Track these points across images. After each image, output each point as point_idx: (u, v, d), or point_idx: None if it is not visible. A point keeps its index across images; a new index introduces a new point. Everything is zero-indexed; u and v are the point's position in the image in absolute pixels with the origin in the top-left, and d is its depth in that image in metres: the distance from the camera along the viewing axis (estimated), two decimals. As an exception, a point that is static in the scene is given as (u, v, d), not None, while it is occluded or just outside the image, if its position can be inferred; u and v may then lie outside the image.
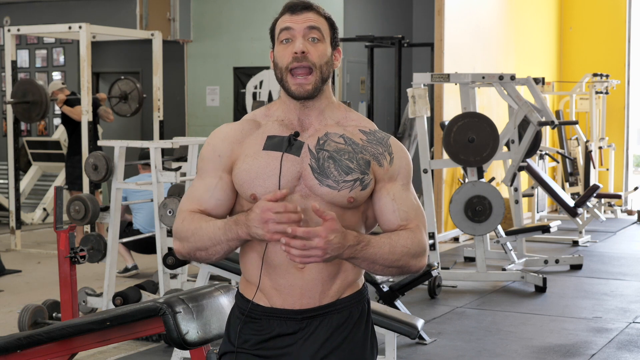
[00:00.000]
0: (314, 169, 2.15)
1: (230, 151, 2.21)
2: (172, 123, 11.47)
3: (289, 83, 2.17)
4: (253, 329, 2.21)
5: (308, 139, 2.19)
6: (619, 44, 12.70)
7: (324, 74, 2.18)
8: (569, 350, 5.45)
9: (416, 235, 2.19)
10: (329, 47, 2.21)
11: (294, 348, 2.18)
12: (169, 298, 3.33)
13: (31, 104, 8.59)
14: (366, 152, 2.20)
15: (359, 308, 2.24)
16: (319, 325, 2.18)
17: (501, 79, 7.40)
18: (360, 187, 2.16)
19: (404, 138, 9.36)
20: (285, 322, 2.18)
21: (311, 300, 2.18)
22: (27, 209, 10.88)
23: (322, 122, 2.22)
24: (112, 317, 3.46)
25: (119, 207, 5.87)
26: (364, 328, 2.25)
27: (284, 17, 2.19)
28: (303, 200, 2.15)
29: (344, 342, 2.20)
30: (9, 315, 6.20)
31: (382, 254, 2.13)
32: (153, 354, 5.29)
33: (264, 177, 2.15)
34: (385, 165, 2.21)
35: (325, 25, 2.20)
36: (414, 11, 12.77)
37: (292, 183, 2.15)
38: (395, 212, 2.20)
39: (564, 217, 10.33)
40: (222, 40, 11.70)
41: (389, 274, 2.19)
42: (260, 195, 2.14)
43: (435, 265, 6.42)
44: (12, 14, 12.19)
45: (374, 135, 2.24)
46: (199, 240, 2.15)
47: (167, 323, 3.24)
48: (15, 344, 3.60)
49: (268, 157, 2.16)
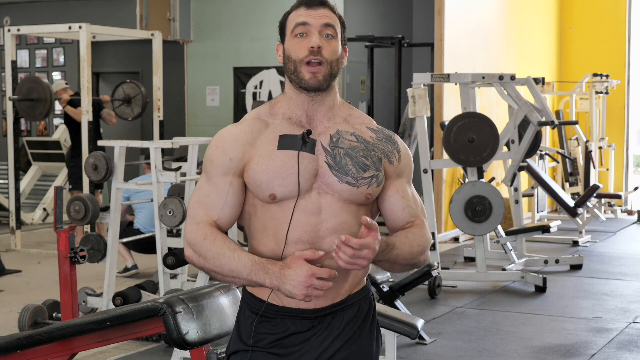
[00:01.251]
0: (332, 166, 2.18)
1: (242, 154, 2.20)
2: (172, 123, 11.47)
3: (303, 73, 2.18)
4: (267, 328, 2.22)
5: (319, 136, 2.21)
6: (619, 44, 12.70)
7: (334, 69, 2.21)
8: (569, 350, 5.45)
9: (425, 232, 2.28)
10: (340, 45, 2.23)
11: (308, 344, 2.21)
12: (169, 298, 3.33)
13: (35, 101, 8.59)
14: (377, 149, 2.25)
15: (366, 303, 2.29)
16: (332, 321, 2.22)
17: (501, 79, 7.40)
18: (376, 184, 2.22)
19: (404, 138, 9.36)
20: (300, 320, 2.21)
21: (325, 300, 2.21)
22: (27, 209, 10.88)
23: (331, 119, 2.24)
24: (112, 317, 3.46)
25: (119, 207, 5.87)
26: (371, 322, 2.30)
27: (299, 10, 2.21)
28: (319, 197, 2.18)
29: (353, 336, 2.25)
30: (9, 315, 6.20)
31: (404, 255, 2.22)
32: (153, 354, 5.28)
33: (282, 176, 2.16)
34: (394, 162, 2.27)
35: (337, 23, 2.23)
36: (414, 11, 12.78)
37: (310, 181, 2.17)
38: (404, 209, 2.27)
39: (564, 217, 10.32)
40: (222, 40, 11.70)
41: (401, 271, 2.28)
42: (280, 195, 2.16)
43: (435, 265, 6.42)
44: (12, 14, 12.19)
45: (382, 132, 2.30)
46: (218, 265, 2.15)
47: (167, 323, 3.24)
48: (15, 344, 3.60)
49: (284, 156, 2.17)
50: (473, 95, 7.55)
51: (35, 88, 8.62)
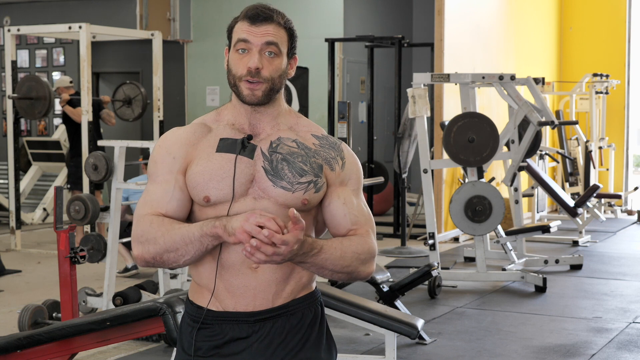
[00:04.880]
0: (268, 170, 2.16)
1: (185, 153, 2.19)
2: (172, 123, 11.46)
3: (241, 88, 2.16)
4: (205, 335, 2.19)
5: (260, 142, 2.20)
6: (619, 44, 12.70)
7: (276, 85, 2.18)
8: (569, 350, 5.45)
9: (366, 241, 2.18)
10: (285, 59, 2.19)
11: (247, 353, 2.17)
12: (169, 298, 3.33)
13: (35, 100, 8.59)
14: (319, 156, 2.20)
15: (312, 310, 2.23)
16: (272, 328, 2.17)
17: (501, 79, 7.40)
18: (314, 190, 2.17)
19: (404, 138, 9.35)
20: (238, 325, 2.16)
21: (264, 302, 2.16)
22: (27, 209, 10.88)
23: (274, 127, 2.22)
24: (112, 317, 3.46)
25: (119, 207, 5.87)
26: (318, 329, 2.24)
27: (242, 24, 2.16)
28: (255, 202, 2.14)
29: (297, 346, 2.19)
30: (9, 315, 6.20)
31: (333, 260, 2.13)
32: (153, 354, 5.28)
33: (217, 179, 2.14)
34: (337, 169, 2.21)
35: (284, 37, 2.18)
36: (414, 11, 12.78)
37: (246, 185, 2.15)
38: (345, 216, 2.20)
39: (564, 217, 10.32)
40: (222, 40, 11.66)
41: (336, 278, 2.19)
42: (214, 197, 2.14)
43: (435, 265, 6.43)
44: (12, 14, 12.20)
45: (327, 139, 2.24)
46: (169, 241, 2.10)
47: (167, 323, 3.24)
48: (15, 344, 3.60)
49: (222, 159, 2.16)
50: (473, 95, 7.55)
51: (34, 87, 8.62)
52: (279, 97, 2.22)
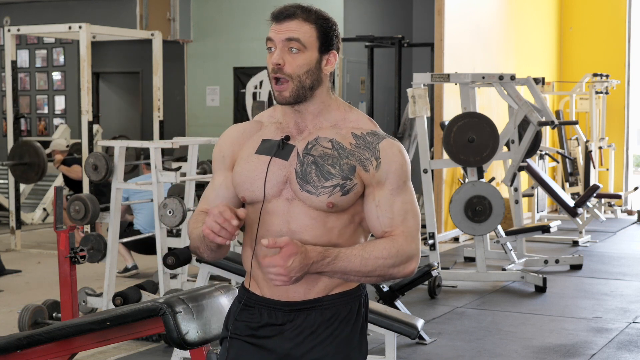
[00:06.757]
0: (298, 173, 2.20)
1: (232, 152, 2.30)
2: (172, 123, 11.47)
3: (273, 89, 2.22)
4: (246, 317, 2.29)
5: (299, 142, 2.23)
6: (619, 44, 12.70)
7: (304, 82, 2.19)
8: (569, 350, 5.45)
9: (396, 244, 2.17)
10: (315, 54, 2.19)
11: (280, 338, 2.24)
12: (169, 298, 3.33)
13: (28, 165, 8.56)
14: (352, 157, 2.20)
15: (347, 307, 2.26)
16: (306, 319, 2.24)
17: (501, 79, 7.40)
18: (340, 193, 2.18)
19: (404, 138, 9.36)
20: (275, 312, 2.25)
21: (296, 295, 2.23)
22: (27, 209, 10.88)
23: (317, 125, 2.24)
24: (112, 317, 3.46)
25: (119, 207, 5.87)
26: (352, 327, 2.27)
27: (271, 24, 2.22)
28: (288, 203, 2.20)
29: (328, 338, 2.24)
30: (9, 315, 6.20)
31: (353, 267, 2.15)
32: (153, 354, 5.29)
33: (251, 180, 2.23)
34: (371, 170, 2.20)
35: (309, 32, 2.18)
36: (414, 11, 12.78)
37: (278, 187, 2.21)
38: (378, 219, 2.21)
39: (564, 217, 10.32)
40: (222, 40, 11.70)
41: (369, 282, 2.22)
42: (248, 198, 2.24)
43: (435, 265, 6.43)
44: (12, 14, 12.20)
45: (364, 139, 2.22)
46: (193, 240, 2.26)
47: (167, 323, 3.24)
48: (15, 344, 3.60)
49: (258, 161, 2.23)
50: (473, 95, 7.55)
51: (27, 152, 8.56)
52: (319, 93, 2.23)
